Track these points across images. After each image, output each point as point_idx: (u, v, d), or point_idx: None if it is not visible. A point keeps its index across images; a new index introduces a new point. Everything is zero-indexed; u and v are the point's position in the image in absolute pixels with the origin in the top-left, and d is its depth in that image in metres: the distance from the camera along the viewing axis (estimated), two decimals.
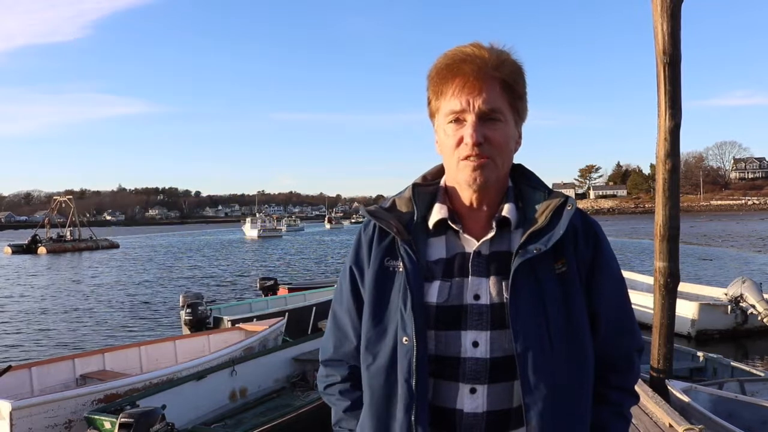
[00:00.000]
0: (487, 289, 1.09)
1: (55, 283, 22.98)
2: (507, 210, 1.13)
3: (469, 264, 1.11)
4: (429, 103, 1.16)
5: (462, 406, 1.07)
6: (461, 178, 1.11)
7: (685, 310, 10.23)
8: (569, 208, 1.11)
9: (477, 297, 1.09)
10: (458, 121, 1.09)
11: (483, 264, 1.11)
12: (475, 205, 1.15)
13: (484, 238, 1.12)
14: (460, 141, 1.09)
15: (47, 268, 30.96)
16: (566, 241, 1.11)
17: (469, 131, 1.07)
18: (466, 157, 1.08)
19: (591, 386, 1.14)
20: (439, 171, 1.24)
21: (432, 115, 1.16)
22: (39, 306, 17.27)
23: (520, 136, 1.17)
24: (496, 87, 1.08)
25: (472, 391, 1.06)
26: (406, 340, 1.08)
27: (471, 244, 1.13)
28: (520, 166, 1.22)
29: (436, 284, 1.11)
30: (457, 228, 1.14)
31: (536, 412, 1.04)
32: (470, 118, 1.07)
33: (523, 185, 1.18)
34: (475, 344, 1.07)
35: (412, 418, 1.07)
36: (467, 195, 1.14)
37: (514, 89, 1.10)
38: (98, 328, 13.67)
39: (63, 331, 13.52)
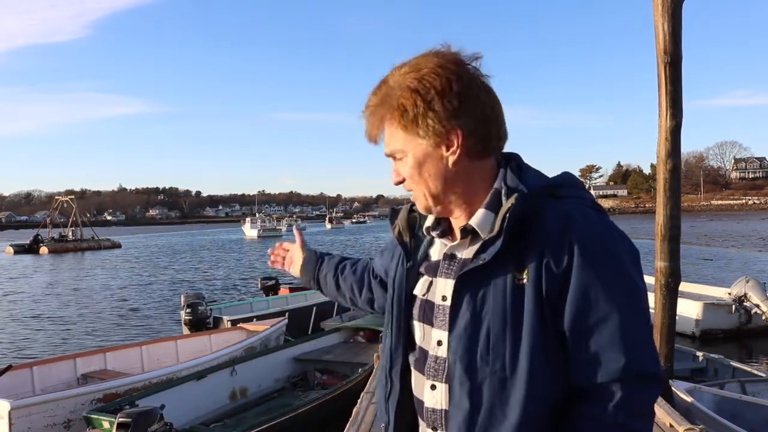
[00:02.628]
0: (450, 292, 1.10)
1: (57, 283, 23.00)
2: (476, 218, 1.09)
3: (440, 265, 1.15)
4: None
5: (425, 400, 1.12)
6: None
7: (689, 310, 10.24)
8: (507, 215, 1.03)
9: (444, 298, 1.11)
10: None
11: (452, 267, 1.12)
12: (449, 217, 1.18)
13: (451, 244, 1.14)
14: None
15: (49, 268, 30.99)
16: (530, 249, 1.02)
17: (391, 174, 1.15)
18: None
19: (536, 412, 1.01)
20: None
21: None
22: (40, 306, 17.29)
23: (455, 144, 1.05)
24: (392, 125, 1.08)
25: (433, 387, 1.10)
26: (389, 334, 1.21)
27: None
28: (509, 161, 1.13)
29: (422, 279, 1.18)
30: (433, 234, 1.19)
31: (456, 425, 1.05)
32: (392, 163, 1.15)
33: (505, 185, 1.09)
34: (439, 343, 1.10)
35: (386, 400, 1.20)
36: None
37: (413, 113, 1.04)
38: (100, 328, 13.68)
39: (64, 330, 13.53)
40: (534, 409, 1.00)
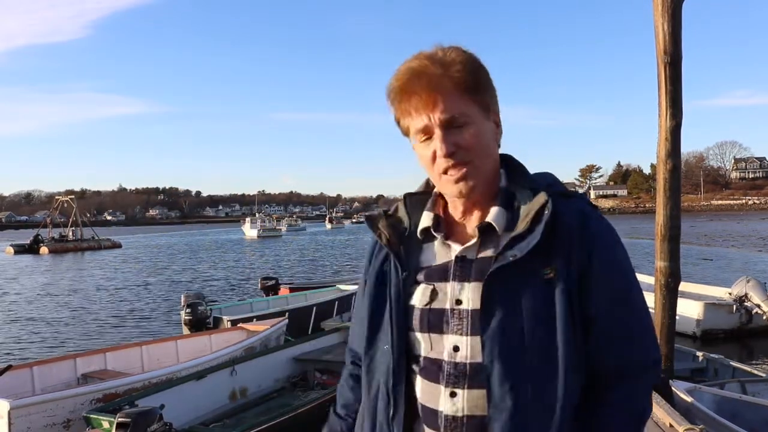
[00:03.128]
0: (468, 295, 1.08)
1: (57, 284, 22.99)
2: (492, 215, 1.10)
3: (451, 269, 1.11)
4: (398, 122, 1.15)
5: (443, 409, 1.08)
6: (448, 192, 1.13)
7: (690, 310, 10.24)
8: (547, 212, 1.05)
9: (458, 302, 1.08)
10: (428, 137, 1.09)
11: (466, 269, 1.10)
12: (463, 212, 1.15)
13: (467, 245, 1.11)
14: (434, 156, 1.09)
15: (49, 268, 30.96)
16: (555, 244, 1.05)
17: (438, 145, 1.07)
18: (445, 171, 1.08)
19: (570, 402, 1.04)
20: None
21: (405, 134, 1.16)
22: (40, 306, 17.27)
23: (497, 125, 1.13)
24: (452, 91, 1.06)
25: (452, 394, 1.07)
26: (386, 347, 1.13)
27: (456, 250, 1.13)
28: (508, 161, 1.17)
29: (421, 288, 1.13)
30: (437, 236, 1.15)
31: (499, 425, 1.02)
32: (437, 132, 1.07)
33: (515, 183, 1.13)
34: (456, 349, 1.07)
35: (389, 419, 1.12)
36: (456, 205, 1.16)
37: (471, 85, 1.07)
38: (99, 328, 13.68)
39: (64, 330, 13.52)
40: (571, 399, 1.04)
